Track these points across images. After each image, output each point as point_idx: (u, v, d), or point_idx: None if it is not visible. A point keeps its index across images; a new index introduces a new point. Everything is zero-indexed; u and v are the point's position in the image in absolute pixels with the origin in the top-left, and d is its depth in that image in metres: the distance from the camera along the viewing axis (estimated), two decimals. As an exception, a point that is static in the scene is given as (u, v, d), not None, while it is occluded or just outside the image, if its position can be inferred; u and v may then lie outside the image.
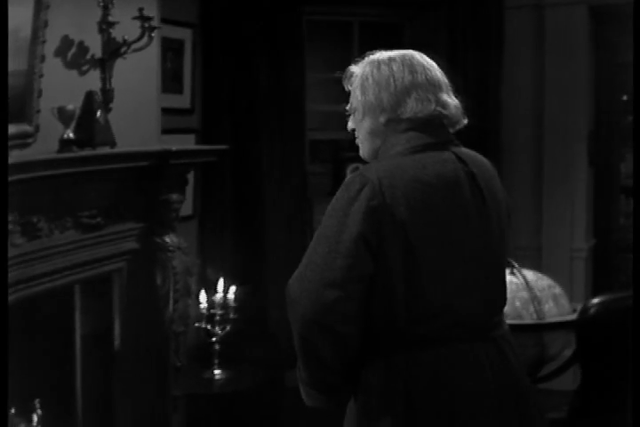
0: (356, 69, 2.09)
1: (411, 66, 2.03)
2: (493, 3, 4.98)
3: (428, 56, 2.11)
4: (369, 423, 1.93)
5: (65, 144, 2.82)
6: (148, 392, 3.35)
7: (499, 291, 2.07)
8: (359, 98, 2.05)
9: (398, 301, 1.89)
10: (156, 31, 3.42)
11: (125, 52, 3.34)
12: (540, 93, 5.10)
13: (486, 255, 2.00)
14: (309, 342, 1.91)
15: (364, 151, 2.10)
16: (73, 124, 2.92)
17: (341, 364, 1.94)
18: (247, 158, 4.64)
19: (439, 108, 2.01)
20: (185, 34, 4.46)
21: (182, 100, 4.51)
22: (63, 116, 2.81)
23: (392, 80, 2.01)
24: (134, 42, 3.32)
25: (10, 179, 2.50)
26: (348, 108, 2.12)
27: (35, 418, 2.95)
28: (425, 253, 1.89)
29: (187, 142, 4.46)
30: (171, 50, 4.33)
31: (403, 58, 2.04)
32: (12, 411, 2.98)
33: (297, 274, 1.92)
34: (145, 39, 3.36)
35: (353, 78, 2.09)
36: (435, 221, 1.92)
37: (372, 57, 2.08)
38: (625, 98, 5.40)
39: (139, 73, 3.57)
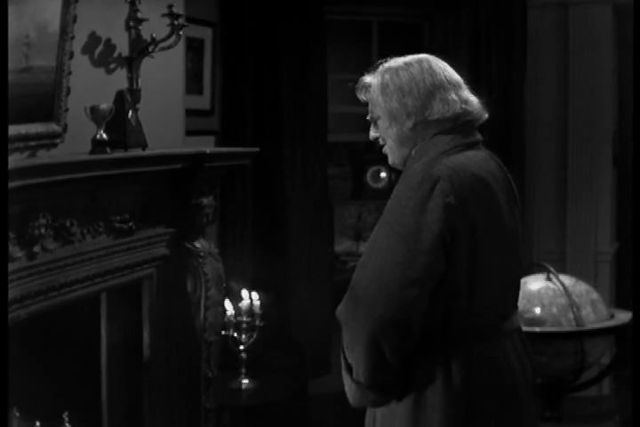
0: (371, 79, 2.11)
1: (429, 68, 2.06)
2: (516, 2, 4.89)
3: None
4: (426, 417, 1.95)
5: (98, 145, 2.69)
6: (179, 404, 3.21)
7: (519, 286, 2.17)
8: (382, 105, 2.07)
9: (461, 295, 1.94)
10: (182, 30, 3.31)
11: (153, 51, 3.22)
12: (564, 93, 5.02)
13: (516, 251, 2.11)
14: (381, 341, 1.90)
15: (393, 158, 2.13)
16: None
17: (403, 361, 1.95)
18: (268, 161, 4.51)
19: (464, 106, 2.05)
20: (205, 33, 4.34)
21: (202, 101, 4.39)
22: (96, 115, 2.68)
23: (414, 84, 2.04)
24: (163, 40, 3.20)
25: (44, 180, 2.39)
26: (368, 118, 2.14)
27: (64, 432, 2.82)
28: (485, 249, 1.96)
29: (207, 144, 4.33)
30: (191, 49, 4.20)
31: (419, 61, 2.08)
32: (38, 424, 2.86)
33: (368, 274, 1.92)
34: (173, 37, 3.24)
35: (369, 88, 2.11)
36: (493, 218, 2.00)
37: (386, 65, 2.10)
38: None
39: (164, 73, 3.45)
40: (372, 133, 2.14)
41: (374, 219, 5.66)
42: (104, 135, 2.70)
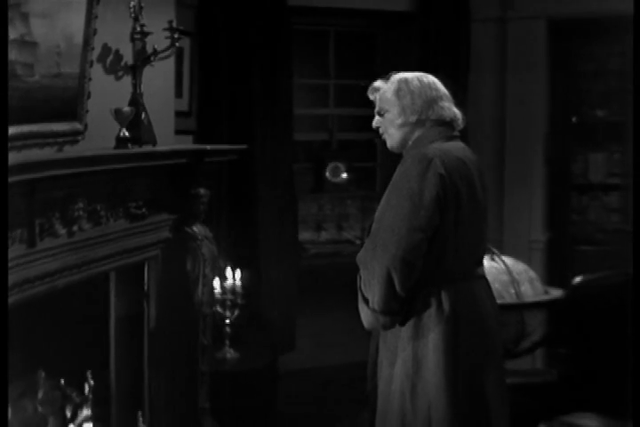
0: (381, 84, 2.80)
1: (433, 83, 2.75)
2: (462, 16, 5.43)
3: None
4: (423, 337, 2.59)
5: (121, 141, 3.15)
6: (179, 368, 3.66)
7: (486, 243, 2.91)
8: (396, 102, 2.74)
9: (449, 245, 2.59)
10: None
11: (154, 60, 3.66)
12: (502, 99, 5.58)
13: (485, 216, 2.80)
14: (393, 274, 2.51)
15: (394, 141, 2.78)
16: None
17: (407, 292, 2.56)
18: (240, 158, 4.95)
19: (453, 115, 2.76)
20: (184, 42, 4.77)
21: (182, 104, 4.82)
22: (120, 116, 3.14)
23: (423, 90, 2.72)
24: (164, 51, 3.64)
25: (78, 170, 2.84)
26: (376, 111, 2.83)
27: (87, 388, 3.23)
28: (465, 212, 2.61)
29: (185, 143, 4.76)
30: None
31: (426, 77, 2.77)
32: (62, 381, 3.26)
33: (383, 225, 2.55)
34: (171, 48, 3.69)
35: (379, 90, 2.80)
36: (470, 189, 2.65)
37: (400, 75, 2.77)
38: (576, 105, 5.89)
39: (160, 79, 3.89)
40: (376, 124, 2.79)
41: (334, 210, 6.18)
42: (126, 133, 3.16)
